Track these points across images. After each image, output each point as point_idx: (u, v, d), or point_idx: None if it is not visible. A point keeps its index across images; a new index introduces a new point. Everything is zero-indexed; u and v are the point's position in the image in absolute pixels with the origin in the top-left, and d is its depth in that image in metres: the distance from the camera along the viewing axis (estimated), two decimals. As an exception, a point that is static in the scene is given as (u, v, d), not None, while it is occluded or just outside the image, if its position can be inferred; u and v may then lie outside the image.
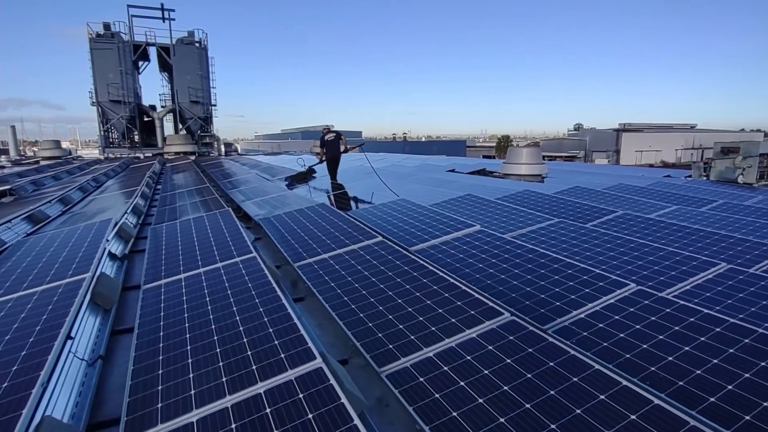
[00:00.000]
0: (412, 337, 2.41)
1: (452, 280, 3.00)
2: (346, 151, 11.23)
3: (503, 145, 50.09)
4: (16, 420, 1.63)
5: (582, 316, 2.66)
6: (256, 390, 1.85)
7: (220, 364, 2.09)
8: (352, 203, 6.72)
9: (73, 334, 2.37)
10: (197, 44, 24.89)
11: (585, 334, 2.48)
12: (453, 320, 2.52)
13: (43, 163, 20.42)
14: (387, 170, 12.89)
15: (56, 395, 1.95)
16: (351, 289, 3.11)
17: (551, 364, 2.03)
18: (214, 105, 25.90)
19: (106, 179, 12.22)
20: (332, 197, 8.01)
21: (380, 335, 2.49)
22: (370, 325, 2.62)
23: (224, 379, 1.96)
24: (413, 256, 3.53)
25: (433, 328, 2.47)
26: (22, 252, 4.04)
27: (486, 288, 3.13)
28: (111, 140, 25.11)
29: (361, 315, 2.75)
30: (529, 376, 1.97)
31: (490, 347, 2.22)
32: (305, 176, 11.48)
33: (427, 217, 4.88)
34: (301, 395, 1.77)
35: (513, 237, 4.23)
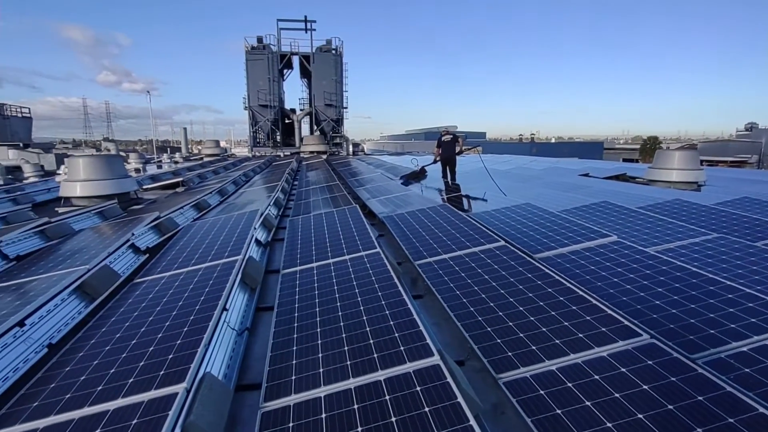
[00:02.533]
0: (533, 347, 2.31)
1: (581, 293, 2.79)
2: (461, 152, 11.13)
3: (649, 147, 44.51)
4: (186, 372, 1.97)
5: (744, 349, 2.27)
6: (377, 377, 1.97)
7: (345, 348, 2.26)
8: (473, 205, 6.64)
9: (227, 307, 2.77)
10: (333, 51, 26.82)
11: (747, 370, 2.11)
12: (580, 335, 2.35)
13: (206, 159, 23.97)
14: (511, 173, 12.42)
15: (213, 357, 2.30)
16: (470, 292, 3.09)
17: (699, 398, 1.78)
18: (346, 107, 27.69)
19: (253, 174, 13.89)
20: (452, 198, 7.99)
21: (499, 341, 2.44)
22: (489, 329, 2.58)
23: (348, 363, 2.12)
24: (537, 264, 3.37)
25: (557, 341, 2.33)
26: (190, 234, 4.82)
27: (620, 305, 2.85)
28: (258, 140, 28.43)
29: (480, 318, 2.72)
30: (670, 407, 1.75)
31: (623, 369, 2.03)
32: (418, 176, 11.65)
33: (554, 224, 4.60)
34: (418, 388, 1.83)
35: (657, 251, 3.77)
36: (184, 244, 4.35)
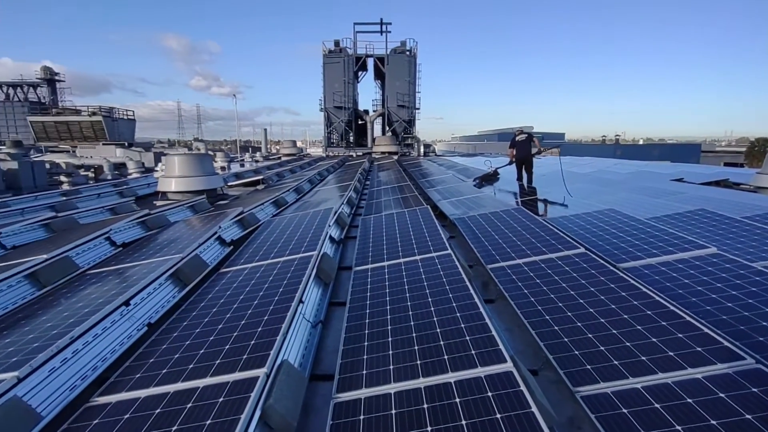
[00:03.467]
0: (615, 362, 2.17)
1: (672, 308, 2.57)
2: (539, 153, 10.65)
3: (757, 150, 39.62)
4: (266, 358, 2.10)
5: None
6: (447, 378, 1.95)
7: (416, 348, 2.27)
8: (550, 209, 6.34)
9: (303, 300, 2.90)
10: (407, 53, 26.98)
11: None
12: (670, 353, 2.17)
13: (283, 159, 25.18)
14: (592, 176, 11.71)
15: (290, 346, 2.42)
16: (546, 299, 2.96)
17: (818, 435, 1.56)
18: (418, 108, 27.74)
19: (327, 174, 14.38)
20: (527, 201, 7.71)
21: (576, 352, 2.32)
22: (566, 339, 2.46)
23: (418, 362, 2.13)
24: (621, 274, 3.15)
25: (643, 358, 2.17)
26: (270, 229, 5.11)
27: (719, 324, 2.58)
28: (332, 140, 29.36)
29: (556, 328, 2.60)
30: (779, 442, 1.56)
31: (722, 394, 1.84)
32: (492, 177, 11.34)
33: (641, 232, 4.27)
34: (489, 394, 1.80)
35: (766, 267, 3.36)
36: (264, 238, 4.62)
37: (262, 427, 1.75)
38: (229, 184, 11.62)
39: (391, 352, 2.27)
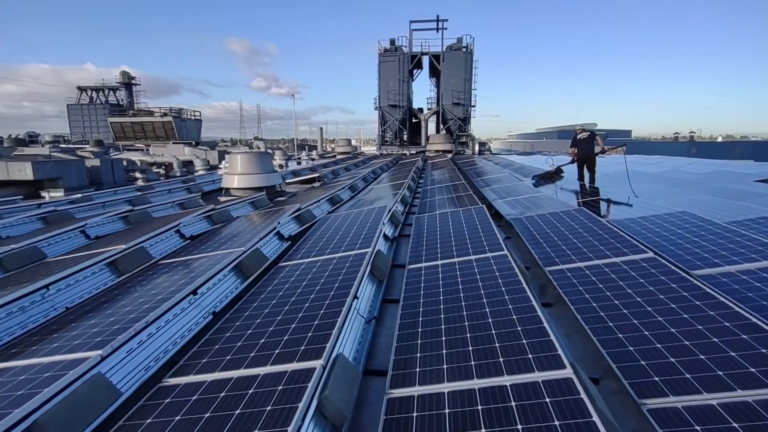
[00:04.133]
0: (687, 375, 2.02)
1: (754, 320, 2.36)
2: (602, 152, 10.10)
3: None
4: (322, 350, 2.16)
5: None
6: (502, 381, 1.92)
7: (470, 348, 2.24)
8: (615, 211, 6.00)
9: (358, 295, 2.96)
10: (464, 49, 26.57)
11: None
12: (751, 369, 1.99)
13: (338, 157, 25.68)
14: (663, 176, 10.97)
15: (345, 340, 2.47)
16: (609, 305, 2.82)
17: None
18: (474, 106, 27.24)
19: (381, 172, 14.50)
20: (589, 202, 7.35)
21: (643, 363, 2.19)
22: (630, 348, 2.33)
23: (473, 363, 2.10)
24: (695, 281, 2.93)
25: (720, 372, 2.01)
26: (325, 226, 5.24)
27: (811, 340, 2.33)
28: (386, 139, 29.52)
29: (620, 335, 2.47)
30: None
31: (814, 418, 1.66)
32: (553, 176, 10.90)
33: (719, 237, 3.94)
34: (547, 399, 1.74)
35: None
36: (320, 235, 4.74)
37: (318, 416, 1.81)
38: (287, 181, 12.02)
39: (444, 352, 2.25)
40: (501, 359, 2.09)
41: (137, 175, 13.74)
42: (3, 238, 5.50)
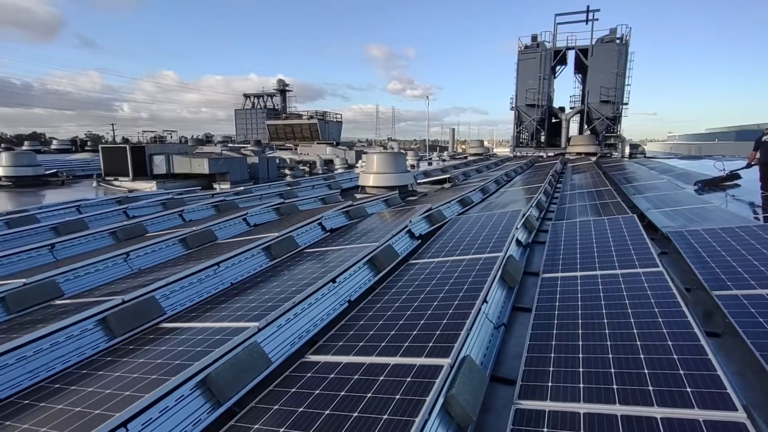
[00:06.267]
0: None
1: None
2: None
3: None
4: (450, 349, 2.18)
5: None
6: (651, 412, 1.71)
7: (611, 370, 2.04)
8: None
9: (487, 300, 2.90)
10: (618, 41, 24.01)
11: None
12: None
13: (469, 158, 25.36)
14: None
15: (473, 343, 2.45)
16: (802, 344, 2.30)
17: None
18: (626, 104, 24.45)
19: (514, 175, 13.93)
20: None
21: None
22: (833, 401, 1.87)
23: (614, 386, 1.91)
24: None
25: None
26: (456, 227, 5.23)
27: None
28: (521, 140, 28.22)
29: (817, 383, 2.00)
30: None
31: None
32: (723, 183, 9.21)
33: None
34: (710, 443, 1.50)
35: None
36: (450, 235, 4.76)
37: (444, 414, 1.83)
38: (418, 181, 12.30)
39: (581, 370, 2.09)
40: (650, 387, 1.86)
41: (287, 171, 15.42)
42: (186, 221, 6.67)
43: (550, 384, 2.02)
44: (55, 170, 14.58)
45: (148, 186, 11.62)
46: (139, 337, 2.77)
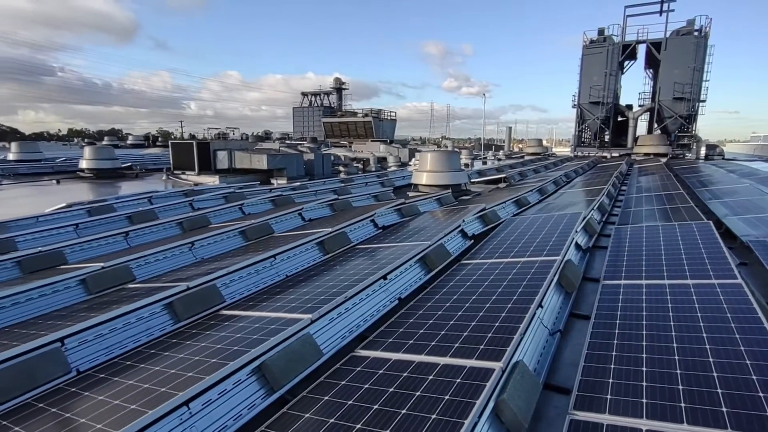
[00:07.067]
0: None
1: None
2: None
3: None
4: (502, 353, 2.12)
5: None
6: (725, 437, 1.57)
7: (679, 387, 1.90)
8: None
9: (543, 304, 2.80)
10: (696, 33, 22.25)
11: None
12: None
13: (526, 158, 24.54)
14: None
15: (526, 348, 2.37)
16: None
17: None
18: (703, 101, 22.60)
19: (575, 175, 13.32)
20: None
21: None
22: None
23: (682, 405, 1.78)
24: None
25: None
26: (510, 228, 5.09)
27: None
28: (583, 140, 26.92)
29: None
30: None
31: None
32: None
33: None
34: (795, 476, 1.36)
35: None
36: (504, 236, 4.63)
37: (494, 418, 1.78)
38: (472, 180, 12.09)
39: (645, 384, 1.96)
40: (724, 409, 1.71)
41: (341, 168, 15.68)
42: (246, 214, 6.97)
43: (609, 396, 1.91)
44: (129, 164, 15.77)
45: (211, 180, 12.27)
46: (201, 321, 2.94)
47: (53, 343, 2.43)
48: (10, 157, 16.49)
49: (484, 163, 22.39)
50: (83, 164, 13.96)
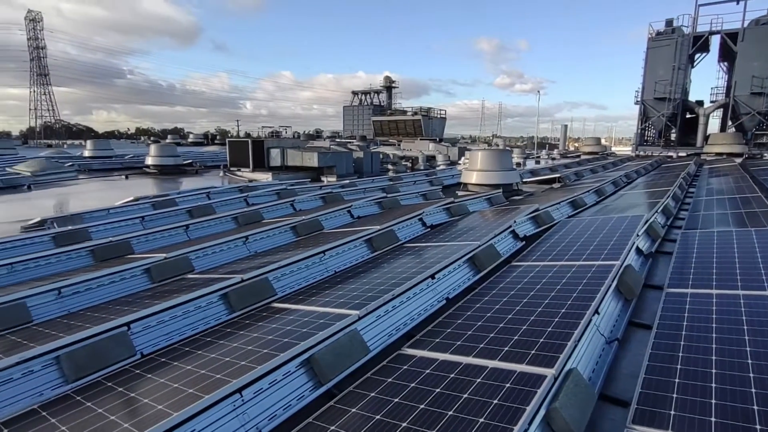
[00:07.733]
0: None
1: None
2: None
3: None
4: (554, 360, 2.04)
5: None
6: (809, 466, 1.42)
7: (754, 407, 1.74)
8: None
9: (599, 311, 2.66)
10: (779, 22, 20.34)
11: None
12: None
13: (583, 157, 23.48)
14: None
15: (580, 355, 2.27)
16: None
17: None
18: (786, 96, 20.64)
19: (636, 176, 12.59)
20: None
21: None
22: None
23: (758, 428, 1.63)
24: None
25: None
26: (565, 230, 4.89)
27: None
28: (645, 138, 25.39)
29: None
30: None
31: None
32: None
33: None
34: None
35: None
36: (558, 239, 4.46)
37: (545, 426, 1.72)
38: (524, 180, 11.74)
39: (713, 401, 1.81)
40: (809, 436, 1.55)
41: (389, 166, 15.74)
42: (297, 210, 7.16)
43: (672, 412, 1.79)
44: (190, 161, 16.66)
45: (264, 177, 12.72)
46: (254, 313, 3.05)
47: (121, 327, 2.62)
48: (86, 153, 17.91)
49: (537, 162, 21.67)
50: (149, 161, 14.92)
